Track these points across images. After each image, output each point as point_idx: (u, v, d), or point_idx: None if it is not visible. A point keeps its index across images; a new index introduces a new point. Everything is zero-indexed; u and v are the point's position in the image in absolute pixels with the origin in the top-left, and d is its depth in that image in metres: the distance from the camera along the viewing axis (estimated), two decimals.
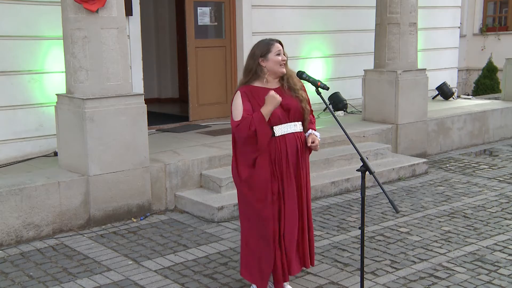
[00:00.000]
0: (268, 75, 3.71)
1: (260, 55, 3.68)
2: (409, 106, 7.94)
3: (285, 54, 3.76)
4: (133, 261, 4.60)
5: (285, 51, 3.76)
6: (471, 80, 15.40)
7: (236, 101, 3.67)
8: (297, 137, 3.74)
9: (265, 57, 3.68)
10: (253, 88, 3.70)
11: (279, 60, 3.68)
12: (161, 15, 11.03)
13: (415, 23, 7.97)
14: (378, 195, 6.35)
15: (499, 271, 4.36)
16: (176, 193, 5.90)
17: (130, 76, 6.09)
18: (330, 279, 4.23)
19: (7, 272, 4.41)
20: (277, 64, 3.68)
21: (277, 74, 3.73)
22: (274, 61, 3.67)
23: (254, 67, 3.70)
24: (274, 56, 3.67)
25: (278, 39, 3.78)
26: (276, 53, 3.67)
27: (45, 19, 6.40)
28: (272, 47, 3.68)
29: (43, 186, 5.09)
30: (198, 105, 8.36)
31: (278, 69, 3.70)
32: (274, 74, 3.72)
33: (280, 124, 3.67)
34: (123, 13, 5.48)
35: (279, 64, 3.69)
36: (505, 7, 15.83)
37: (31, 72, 6.43)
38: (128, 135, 5.47)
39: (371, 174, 3.43)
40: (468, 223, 5.46)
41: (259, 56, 3.69)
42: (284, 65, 3.72)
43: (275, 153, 3.66)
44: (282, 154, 3.67)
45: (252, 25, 8.44)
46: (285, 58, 3.72)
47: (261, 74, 3.71)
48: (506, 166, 7.72)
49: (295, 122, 3.74)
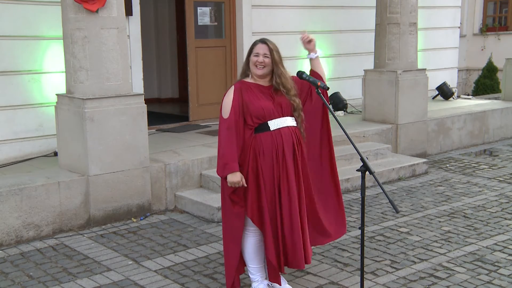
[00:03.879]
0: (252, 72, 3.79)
1: (248, 54, 3.80)
2: (409, 106, 7.94)
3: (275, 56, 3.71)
4: (133, 261, 4.60)
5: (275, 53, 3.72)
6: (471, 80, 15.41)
7: (227, 99, 3.71)
8: (292, 131, 3.77)
9: (249, 57, 3.78)
10: (246, 83, 3.78)
11: (254, 61, 3.73)
12: (161, 15, 11.03)
13: (415, 23, 7.97)
14: (378, 195, 6.35)
15: (499, 271, 4.36)
16: (176, 193, 5.90)
17: (130, 76, 6.09)
18: (330, 279, 4.23)
19: (7, 272, 4.41)
20: (253, 65, 3.74)
21: (254, 74, 3.76)
22: (251, 62, 3.75)
23: (244, 66, 3.84)
24: (252, 57, 3.74)
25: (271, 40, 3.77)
26: (254, 54, 3.73)
27: (45, 19, 6.40)
28: (254, 47, 3.76)
29: (43, 186, 5.09)
30: (198, 105, 8.36)
31: (252, 69, 3.75)
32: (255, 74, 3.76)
33: (275, 119, 3.70)
34: (123, 13, 5.48)
35: (254, 65, 3.73)
36: (505, 7, 15.83)
37: (31, 72, 6.43)
38: (128, 135, 5.47)
39: (371, 174, 3.43)
40: (468, 223, 5.46)
41: (248, 55, 3.80)
42: (261, 66, 3.71)
43: (272, 147, 3.68)
44: (279, 147, 3.69)
45: (252, 25, 8.44)
46: (262, 60, 3.70)
47: (248, 73, 3.81)
48: (506, 166, 7.72)
49: (288, 117, 3.77)
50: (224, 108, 3.70)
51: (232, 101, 3.67)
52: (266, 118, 3.68)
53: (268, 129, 3.69)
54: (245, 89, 3.72)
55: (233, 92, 3.70)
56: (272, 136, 3.69)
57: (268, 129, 3.69)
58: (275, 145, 3.69)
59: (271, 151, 3.68)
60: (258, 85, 3.76)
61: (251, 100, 3.68)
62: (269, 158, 3.68)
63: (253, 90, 3.72)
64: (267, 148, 3.67)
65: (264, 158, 3.68)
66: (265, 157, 3.68)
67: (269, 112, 3.68)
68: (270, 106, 3.69)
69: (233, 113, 3.65)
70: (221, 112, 3.73)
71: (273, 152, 3.68)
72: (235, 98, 3.67)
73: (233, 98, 3.67)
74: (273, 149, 3.68)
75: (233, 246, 3.83)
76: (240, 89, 3.71)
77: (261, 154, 3.68)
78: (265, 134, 3.69)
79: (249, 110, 3.66)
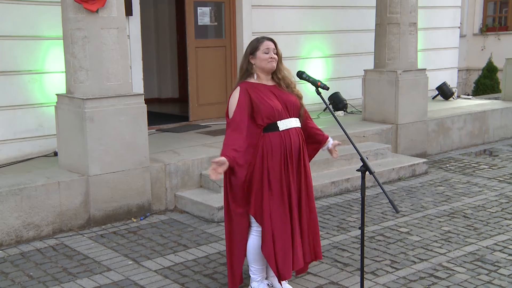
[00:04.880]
0: (259, 71, 3.76)
1: (250, 52, 3.76)
2: (409, 106, 7.94)
3: (279, 52, 3.78)
4: (133, 261, 4.60)
5: (278, 49, 3.78)
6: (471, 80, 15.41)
7: (232, 99, 3.70)
8: (299, 132, 3.79)
9: (253, 55, 3.74)
10: (251, 83, 3.75)
11: (267, 58, 3.72)
12: (161, 15, 11.03)
13: (415, 23, 7.97)
14: (378, 195, 6.35)
15: (499, 271, 4.36)
16: (176, 193, 5.90)
17: (130, 76, 6.09)
18: (330, 279, 4.23)
19: (7, 272, 4.41)
20: (265, 61, 3.72)
21: (265, 70, 3.76)
22: (261, 59, 3.72)
23: (245, 65, 3.78)
24: (262, 54, 3.72)
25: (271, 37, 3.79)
26: (264, 51, 3.72)
27: (45, 19, 6.40)
28: (261, 44, 3.73)
29: (43, 186, 5.09)
30: (198, 105, 8.36)
31: (265, 65, 3.73)
32: (263, 71, 3.76)
33: (282, 119, 3.70)
34: (123, 13, 5.48)
35: (267, 61, 3.73)
36: (505, 7, 15.83)
37: (31, 72, 6.43)
38: (128, 135, 5.47)
39: (371, 174, 3.43)
40: (468, 223, 5.46)
41: (249, 54, 3.76)
42: (273, 61, 3.74)
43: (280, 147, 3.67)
44: (287, 147, 3.69)
45: (252, 25, 8.43)
46: (274, 56, 3.73)
47: (252, 71, 3.77)
48: (506, 166, 7.72)
49: (294, 118, 3.78)
50: (230, 109, 3.69)
51: (237, 101, 3.64)
52: (276, 118, 3.67)
53: (277, 129, 3.69)
54: (252, 89, 3.70)
55: (239, 93, 3.68)
56: (281, 136, 3.68)
57: (277, 129, 3.68)
58: (284, 146, 3.68)
59: (279, 151, 3.67)
60: (264, 84, 3.75)
61: (261, 100, 3.66)
62: (278, 158, 3.67)
63: (261, 89, 3.71)
64: (276, 148, 3.67)
65: (272, 158, 3.67)
66: (274, 157, 3.67)
67: (279, 112, 3.67)
68: (279, 106, 3.68)
69: (238, 113, 3.62)
70: (227, 113, 3.72)
71: (282, 153, 3.68)
72: (240, 98, 3.65)
73: (239, 98, 3.65)
74: (281, 149, 3.68)
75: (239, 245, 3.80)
76: (246, 90, 3.69)
77: (269, 154, 3.67)
78: (274, 134, 3.68)
79: (260, 110, 3.64)
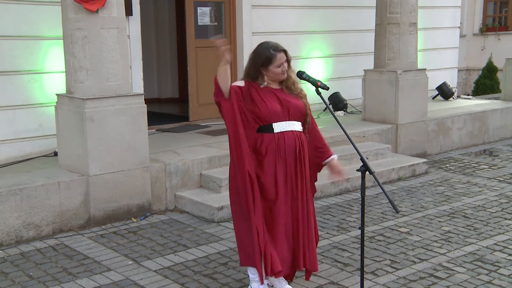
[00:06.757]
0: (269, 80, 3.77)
1: (262, 64, 3.72)
2: (409, 106, 7.94)
3: (289, 58, 3.78)
4: (133, 261, 4.60)
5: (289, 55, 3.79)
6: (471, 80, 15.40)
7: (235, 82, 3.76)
8: (297, 135, 3.76)
9: (266, 68, 3.73)
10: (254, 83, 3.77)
11: (280, 71, 3.73)
12: (161, 15, 11.03)
13: (415, 23, 7.97)
14: (378, 195, 6.35)
15: (499, 271, 4.36)
16: (176, 193, 5.90)
17: (130, 76, 6.09)
18: (330, 279, 4.23)
19: (7, 272, 4.41)
20: (278, 74, 3.74)
21: (276, 79, 3.79)
22: (274, 72, 3.73)
23: (255, 74, 3.77)
24: (275, 68, 3.72)
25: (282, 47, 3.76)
26: (277, 66, 3.71)
27: (45, 19, 6.40)
28: (274, 58, 3.70)
29: (43, 186, 5.09)
30: (198, 105, 8.35)
31: (278, 77, 3.77)
32: (273, 79, 3.78)
33: (280, 122, 3.70)
34: (123, 13, 5.48)
35: (280, 74, 3.75)
36: (505, 7, 15.83)
37: (31, 72, 6.43)
38: (128, 135, 5.47)
39: (371, 174, 3.43)
40: (468, 223, 5.46)
41: (261, 65, 3.73)
42: (285, 72, 3.77)
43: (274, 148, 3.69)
44: (281, 150, 3.69)
45: (252, 25, 8.43)
46: (286, 68, 3.75)
47: (261, 80, 3.78)
48: (506, 166, 7.72)
49: (294, 121, 3.76)
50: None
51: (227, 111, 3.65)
52: (271, 120, 3.68)
53: (272, 131, 3.70)
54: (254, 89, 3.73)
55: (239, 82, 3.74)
56: (274, 138, 3.69)
57: (271, 130, 3.70)
58: (277, 147, 3.69)
59: (273, 152, 3.68)
60: (269, 88, 3.77)
61: (259, 100, 3.68)
62: (272, 158, 3.68)
63: (263, 90, 3.73)
64: (270, 148, 3.68)
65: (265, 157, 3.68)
66: (267, 156, 3.68)
67: (275, 114, 3.68)
68: (278, 109, 3.69)
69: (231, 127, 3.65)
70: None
71: (275, 154, 3.68)
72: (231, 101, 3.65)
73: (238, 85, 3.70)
74: (275, 150, 3.68)
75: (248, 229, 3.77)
76: (248, 86, 3.73)
77: (262, 153, 3.68)
78: (268, 135, 3.69)
79: (255, 111, 3.67)
